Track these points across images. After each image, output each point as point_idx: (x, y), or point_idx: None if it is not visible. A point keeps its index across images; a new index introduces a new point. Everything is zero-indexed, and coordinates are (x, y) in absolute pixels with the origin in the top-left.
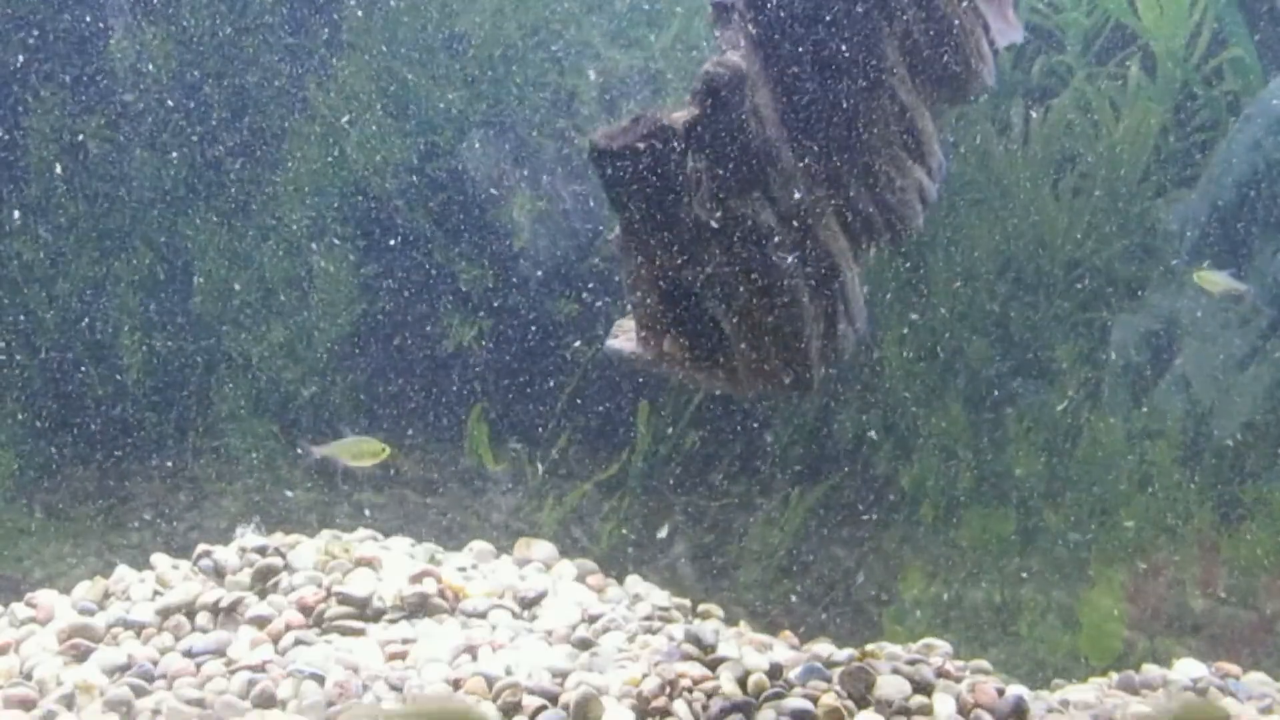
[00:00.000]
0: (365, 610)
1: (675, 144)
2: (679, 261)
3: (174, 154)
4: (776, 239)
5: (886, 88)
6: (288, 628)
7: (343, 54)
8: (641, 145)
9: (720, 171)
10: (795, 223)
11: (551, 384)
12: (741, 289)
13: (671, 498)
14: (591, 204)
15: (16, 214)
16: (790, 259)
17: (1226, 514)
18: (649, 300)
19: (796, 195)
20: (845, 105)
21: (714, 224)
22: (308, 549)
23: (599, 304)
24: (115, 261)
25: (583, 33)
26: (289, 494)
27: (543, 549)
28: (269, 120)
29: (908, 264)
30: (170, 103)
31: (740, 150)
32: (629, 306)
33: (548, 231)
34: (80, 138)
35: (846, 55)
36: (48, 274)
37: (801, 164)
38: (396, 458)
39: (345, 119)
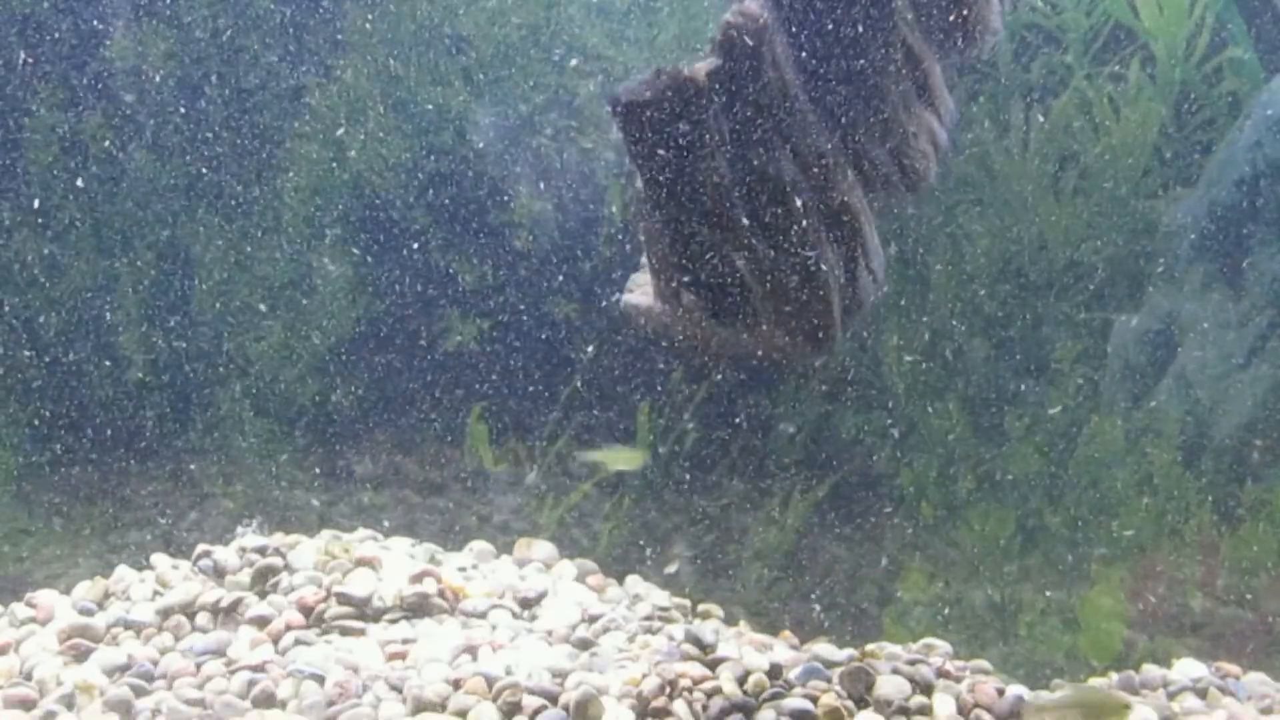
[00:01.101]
0: (365, 610)
1: (697, 96)
2: (701, 215)
3: (174, 154)
4: (798, 189)
5: (897, 34)
6: (288, 628)
7: (343, 54)
8: (663, 98)
9: (742, 122)
10: (815, 172)
11: (551, 384)
12: (764, 241)
13: (672, 498)
14: (592, 206)
15: (17, 214)
16: (812, 209)
17: (1226, 514)
18: (668, 256)
19: (816, 144)
20: (857, 53)
21: (736, 175)
22: (308, 549)
23: (599, 304)
24: (115, 261)
25: (583, 32)
26: (274, 492)
27: (543, 549)
28: (269, 120)
29: (908, 264)
30: (170, 103)
31: (762, 99)
32: (645, 262)
33: (551, 225)
34: (80, 138)
35: (857, 2)
36: (48, 274)
37: (818, 113)
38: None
39: (345, 119)
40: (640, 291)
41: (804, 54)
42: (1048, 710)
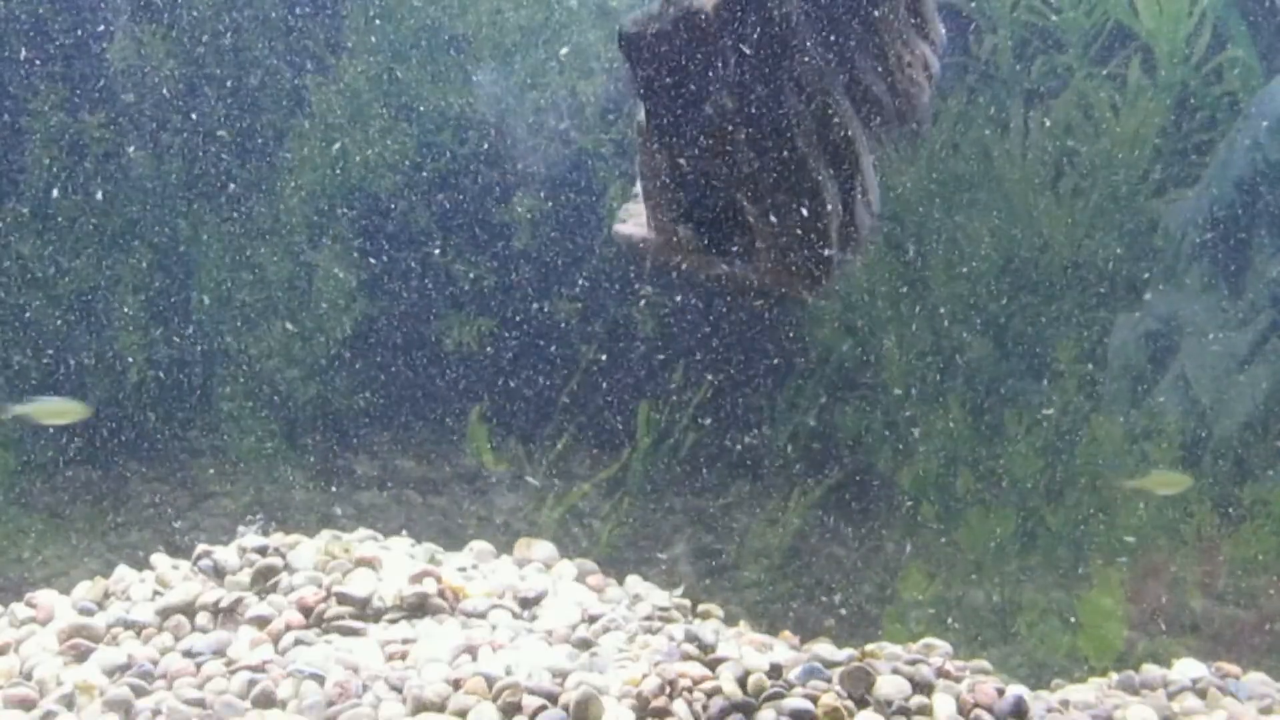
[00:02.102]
0: (365, 610)
1: (705, 26)
2: (704, 145)
3: (174, 154)
4: (800, 120)
5: None
6: (288, 628)
7: (343, 54)
8: (670, 29)
9: (747, 52)
10: (817, 103)
11: (551, 384)
12: (766, 172)
13: (671, 498)
14: (592, 206)
15: (17, 214)
16: (813, 140)
17: (1226, 514)
18: (667, 186)
19: (818, 76)
20: None
21: (739, 106)
22: (308, 549)
23: (600, 304)
24: (115, 261)
25: (582, 32)
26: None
27: (543, 549)
28: (269, 120)
29: (908, 264)
30: (170, 103)
31: (766, 30)
32: (638, 192)
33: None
34: (80, 138)
35: None
36: (48, 274)
37: (818, 42)
38: None
39: (345, 119)
40: (634, 222)
41: None
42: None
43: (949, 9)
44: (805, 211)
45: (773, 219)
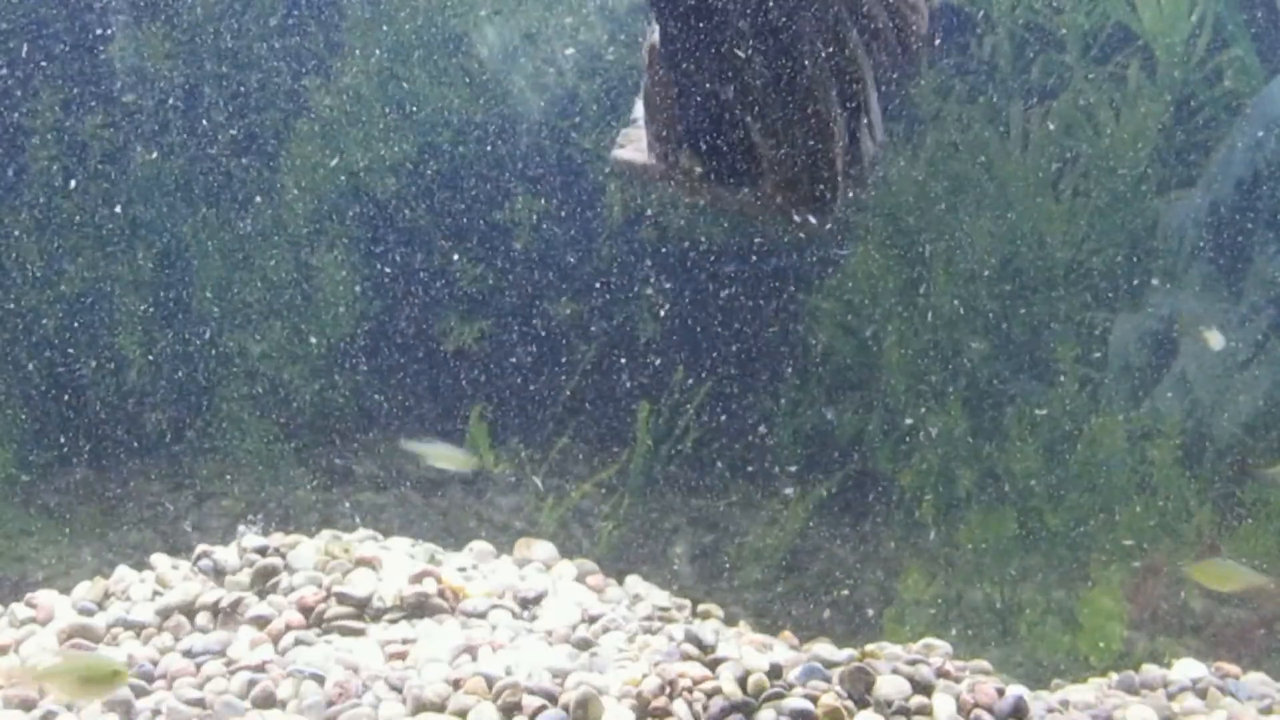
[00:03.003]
0: (365, 610)
1: None
2: (715, 66)
3: (174, 154)
4: (812, 43)
5: None
6: (288, 628)
7: (343, 54)
8: None
9: None
10: (827, 27)
11: (551, 384)
12: (775, 93)
13: (671, 498)
14: (592, 206)
15: (17, 214)
16: (822, 65)
17: (1226, 514)
18: (674, 109)
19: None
20: None
21: (752, 26)
22: (308, 549)
23: (600, 304)
24: (115, 261)
25: (582, 32)
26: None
27: (543, 549)
28: (269, 120)
29: (909, 264)
30: (170, 103)
31: None
32: (637, 117)
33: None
34: (80, 138)
35: None
36: (48, 274)
37: None
38: None
39: (345, 119)
40: (633, 147)
41: None
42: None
43: (949, 9)
44: (812, 136)
45: (778, 144)
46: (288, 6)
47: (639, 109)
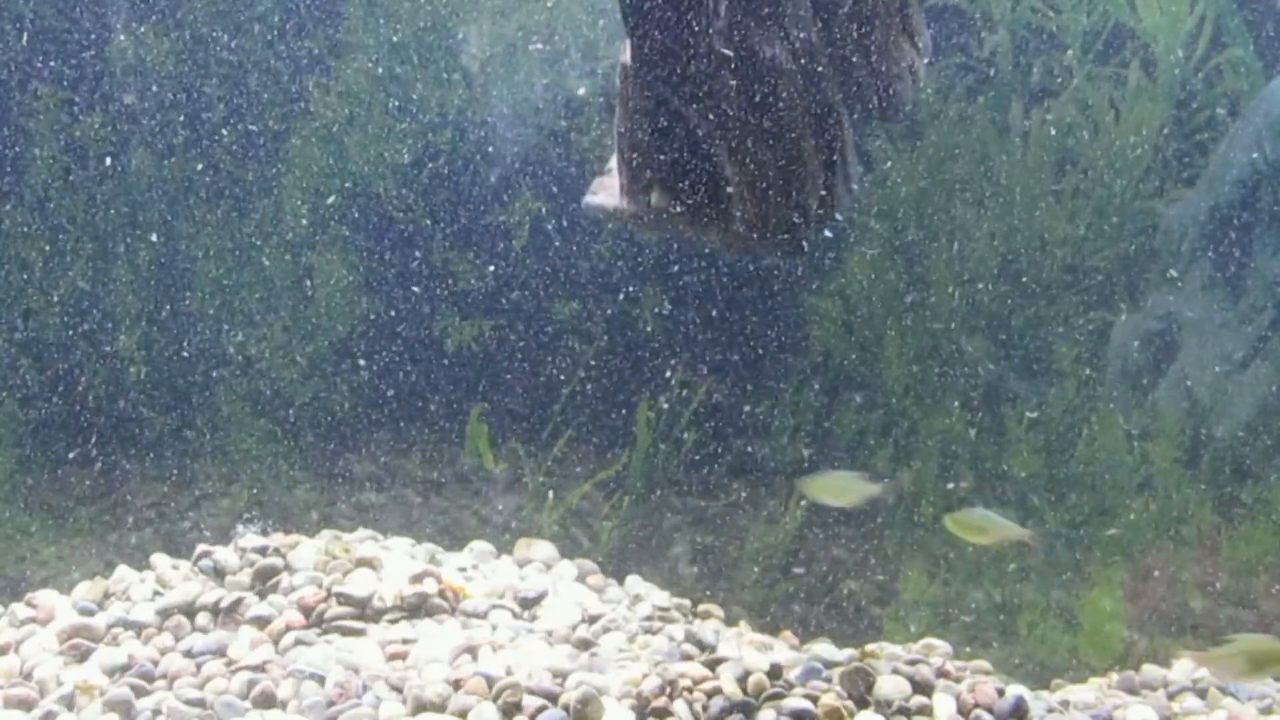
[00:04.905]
0: (365, 610)
1: None
2: (689, 92)
3: (174, 154)
4: (789, 80)
5: None
6: (288, 628)
7: (343, 54)
8: None
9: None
10: (805, 65)
11: (551, 384)
12: (749, 128)
13: (672, 498)
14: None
15: (17, 214)
16: (799, 104)
17: (1226, 514)
18: (646, 142)
19: (809, 39)
20: None
21: (729, 52)
22: (308, 549)
23: (600, 304)
24: (115, 261)
25: (582, 33)
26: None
27: (543, 549)
28: (269, 120)
29: (909, 264)
30: (170, 103)
31: None
32: (609, 167)
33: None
34: (80, 138)
35: None
36: (48, 274)
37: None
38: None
39: (345, 119)
40: (605, 193)
41: None
42: (1213, 660)
43: (949, 9)
44: (785, 174)
45: (751, 179)
46: (288, 6)
47: (613, 161)
